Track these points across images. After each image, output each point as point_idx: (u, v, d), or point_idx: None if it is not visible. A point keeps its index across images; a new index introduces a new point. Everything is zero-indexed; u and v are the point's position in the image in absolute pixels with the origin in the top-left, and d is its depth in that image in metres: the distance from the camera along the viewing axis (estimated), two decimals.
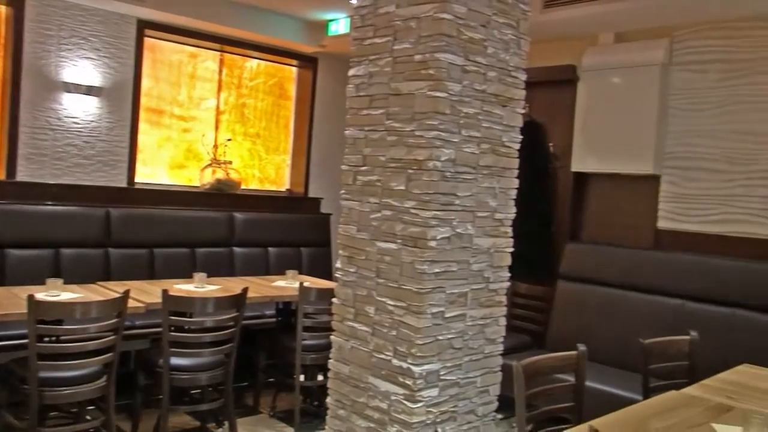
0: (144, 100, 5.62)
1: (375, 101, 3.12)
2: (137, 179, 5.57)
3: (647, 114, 4.70)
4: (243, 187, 6.13)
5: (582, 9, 4.52)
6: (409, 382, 2.91)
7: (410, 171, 2.93)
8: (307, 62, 6.57)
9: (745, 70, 4.39)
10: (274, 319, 4.95)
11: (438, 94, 2.85)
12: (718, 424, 2.29)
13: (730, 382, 2.95)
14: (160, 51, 5.76)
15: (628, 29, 4.92)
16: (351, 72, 3.26)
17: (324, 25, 6.05)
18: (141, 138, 5.61)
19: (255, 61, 6.39)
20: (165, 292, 3.57)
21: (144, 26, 5.47)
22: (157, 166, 5.85)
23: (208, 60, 6.07)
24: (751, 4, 4.14)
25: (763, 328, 3.97)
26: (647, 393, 3.12)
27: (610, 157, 4.87)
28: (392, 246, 3.00)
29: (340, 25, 5.90)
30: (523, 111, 3.28)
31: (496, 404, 3.31)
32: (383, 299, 3.03)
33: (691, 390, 2.79)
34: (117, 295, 3.43)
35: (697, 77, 4.61)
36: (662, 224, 4.73)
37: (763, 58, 4.31)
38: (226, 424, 3.96)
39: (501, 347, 3.29)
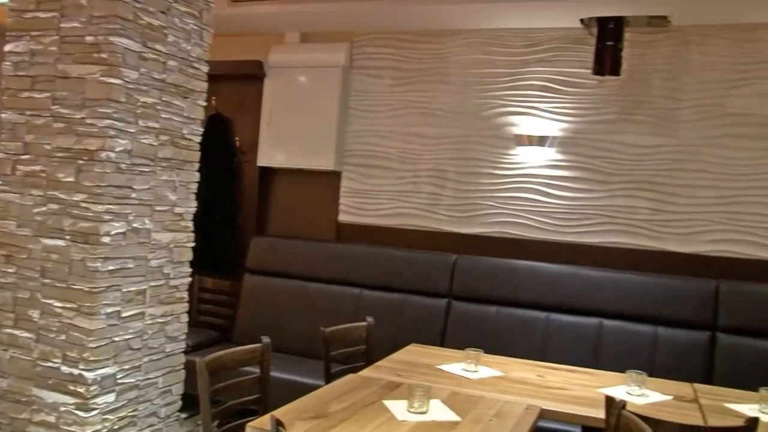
0: None
1: (38, 83, 2.82)
2: None
3: (329, 113, 4.93)
4: None
5: (268, 6, 4.59)
6: (81, 389, 2.69)
7: (81, 161, 2.71)
8: None
9: (412, 79, 4.84)
10: None
11: (112, 80, 2.67)
12: (388, 400, 2.48)
13: (400, 361, 3.22)
14: None
15: (313, 30, 5.11)
16: (8, 47, 2.90)
17: None
18: None
19: None
20: None
21: None
22: None
23: None
24: (414, 22, 4.58)
25: (428, 311, 4.41)
26: (329, 378, 3.25)
27: (295, 153, 5.01)
28: (60, 243, 2.74)
29: None
30: (205, 103, 3.23)
31: (179, 403, 3.23)
32: (49, 301, 2.76)
33: (366, 372, 2.98)
34: None
35: (374, 81, 4.96)
36: (343, 218, 5.01)
37: (425, 68, 4.79)
38: None
39: (183, 344, 3.21)
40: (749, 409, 2.71)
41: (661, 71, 4.19)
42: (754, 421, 2.10)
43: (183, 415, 3.29)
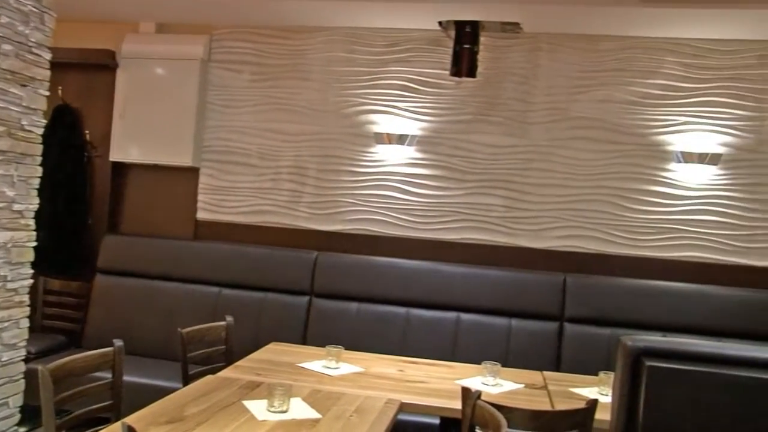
0: None
1: None
2: None
3: (187, 107, 4.76)
4: None
5: None
6: None
7: None
8: None
9: (272, 74, 4.77)
10: None
11: None
12: (247, 401, 2.43)
13: (260, 361, 3.18)
14: None
15: (170, 21, 4.91)
16: None
17: None
18: None
19: None
20: None
21: None
22: None
23: None
24: (275, 17, 4.51)
25: (289, 309, 4.37)
26: (187, 380, 3.15)
27: (151, 148, 4.80)
28: None
29: None
30: (48, 93, 3.01)
31: (18, 417, 2.99)
32: None
33: (226, 372, 2.92)
34: None
35: (233, 76, 4.84)
36: (201, 215, 4.86)
37: (286, 64, 4.74)
38: None
39: (24, 352, 2.98)
40: (590, 392, 2.92)
41: (514, 75, 4.40)
42: (593, 403, 2.26)
43: (22, 429, 3.06)
